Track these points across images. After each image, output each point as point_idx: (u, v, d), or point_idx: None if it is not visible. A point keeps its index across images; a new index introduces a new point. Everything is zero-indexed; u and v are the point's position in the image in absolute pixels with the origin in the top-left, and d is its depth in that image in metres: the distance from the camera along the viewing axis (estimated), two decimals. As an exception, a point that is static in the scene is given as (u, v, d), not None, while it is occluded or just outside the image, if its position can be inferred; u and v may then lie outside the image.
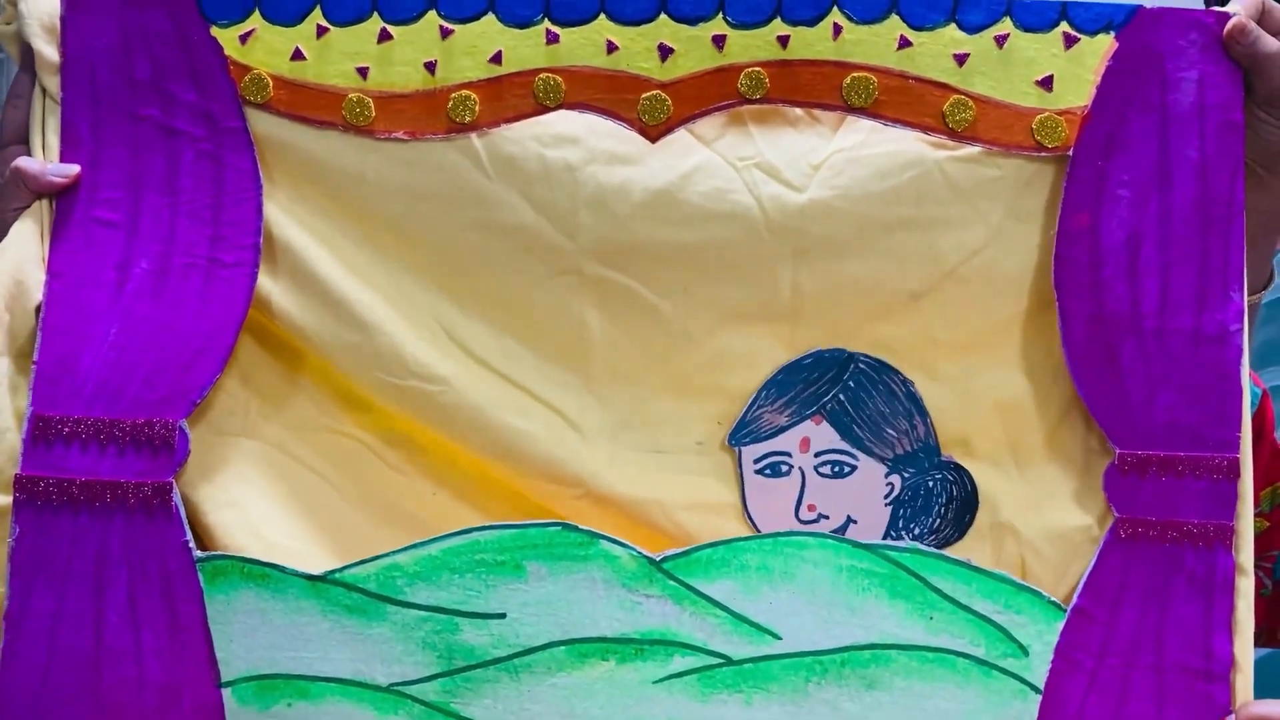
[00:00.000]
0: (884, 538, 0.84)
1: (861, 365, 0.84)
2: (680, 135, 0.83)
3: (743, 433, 0.84)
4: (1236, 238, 0.82)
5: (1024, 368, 0.84)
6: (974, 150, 0.83)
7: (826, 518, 0.84)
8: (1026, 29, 0.83)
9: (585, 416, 0.84)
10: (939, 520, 0.84)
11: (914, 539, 0.84)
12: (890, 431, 0.84)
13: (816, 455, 0.84)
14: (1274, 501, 0.96)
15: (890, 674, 0.81)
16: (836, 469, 0.84)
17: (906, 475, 0.84)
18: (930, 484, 0.84)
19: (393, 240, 0.84)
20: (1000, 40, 0.83)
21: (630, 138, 0.83)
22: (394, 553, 0.82)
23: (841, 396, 0.84)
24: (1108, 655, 0.81)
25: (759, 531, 0.84)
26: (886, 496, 0.84)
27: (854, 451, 0.84)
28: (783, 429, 0.84)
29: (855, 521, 0.84)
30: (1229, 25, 0.81)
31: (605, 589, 0.81)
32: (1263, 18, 0.82)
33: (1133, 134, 0.82)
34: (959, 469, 0.84)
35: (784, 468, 0.84)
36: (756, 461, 0.84)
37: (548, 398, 0.84)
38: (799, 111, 0.84)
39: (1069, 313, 0.82)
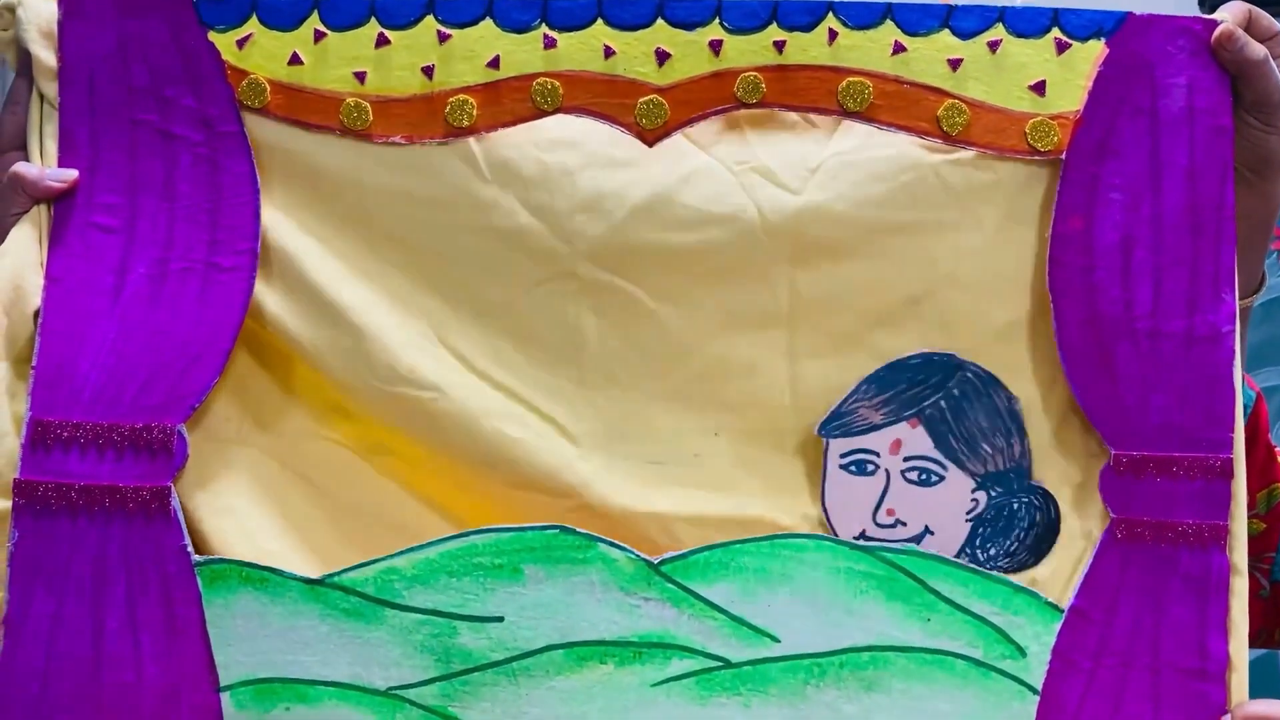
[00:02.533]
0: (959, 554, 0.83)
1: (969, 375, 0.82)
2: (677, 140, 0.84)
3: (834, 424, 0.83)
4: (1227, 241, 0.83)
5: (1020, 371, 0.84)
6: (968, 154, 0.83)
7: (904, 524, 0.83)
8: (1019, 35, 0.83)
9: (579, 425, 0.84)
10: (1017, 545, 0.83)
11: (988, 558, 0.82)
12: (986, 447, 0.83)
13: (906, 459, 0.83)
14: (1270, 503, 0.97)
15: (889, 676, 0.81)
16: (924, 476, 0.83)
17: (994, 494, 0.83)
18: (1015, 506, 0.83)
19: (389, 244, 0.84)
20: (993, 46, 0.83)
21: (627, 142, 0.83)
22: (392, 556, 0.82)
23: (943, 403, 0.82)
24: (1105, 656, 0.81)
25: (833, 528, 0.83)
26: (969, 512, 0.83)
27: (944, 461, 0.83)
28: (876, 427, 0.83)
29: (932, 533, 0.83)
30: (1217, 32, 0.82)
31: (603, 592, 0.81)
32: (1250, 25, 0.83)
33: (1124, 138, 0.83)
34: (1046, 495, 0.83)
35: (870, 467, 0.83)
36: (843, 456, 0.83)
37: (541, 405, 0.84)
38: (795, 116, 0.85)
39: (1063, 315, 0.83)
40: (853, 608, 0.81)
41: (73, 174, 0.83)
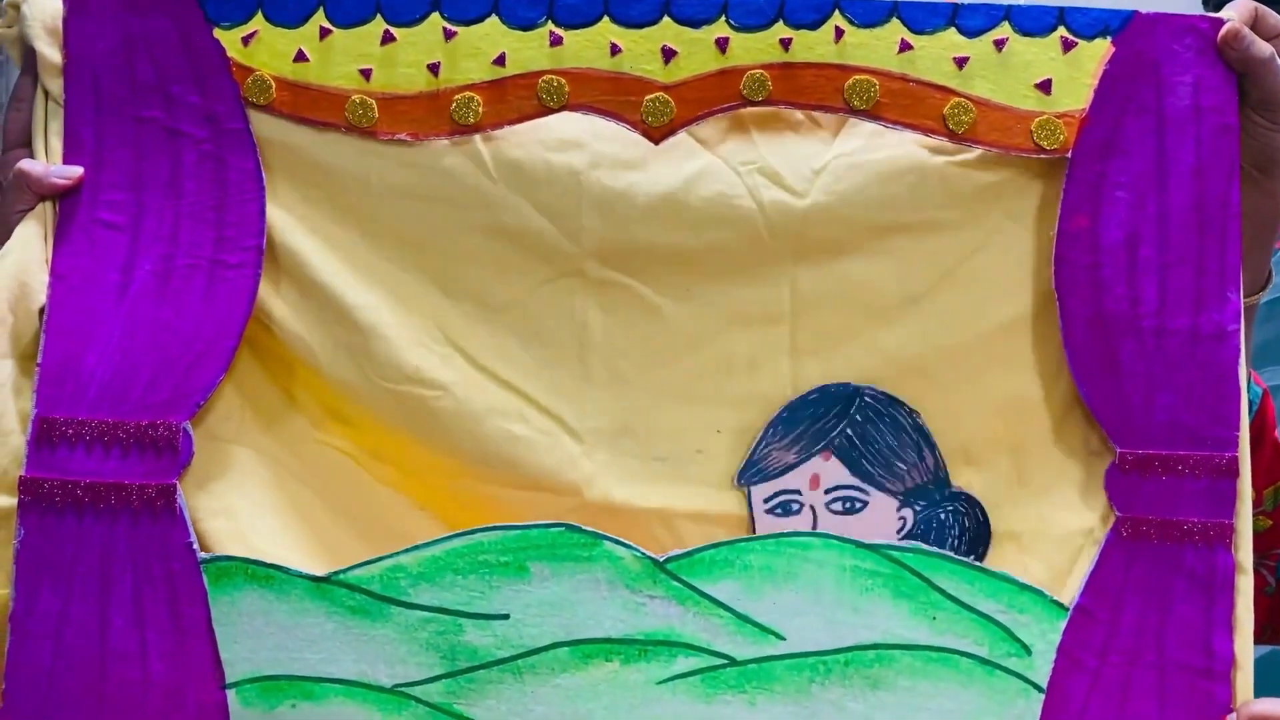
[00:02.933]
0: None
1: (868, 399, 0.83)
2: (683, 139, 0.84)
3: (751, 471, 0.84)
4: (1233, 239, 0.83)
5: (1024, 369, 0.84)
6: (974, 153, 0.84)
7: None
8: (1025, 33, 0.83)
9: (584, 423, 0.84)
10: (952, 552, 0.83)
11: None
12: (900, 464, 0.83)
13: (827, 492, 0.83)
14: (1277, 500, 0.97)
15: (894, 674, 0.81)
16: (848, 505, 0.83)
17: (919, 509, 0.83)
18: (943, 516, 0.83)
19: (394, 242, 0.84)
20: (999, 44, 0.83)
21: (634, 141, 0.83)
22: (398, 554, 0.82)
23: (849, 431, 0.83)
24: (1110, 654, 0.81)
25: None
26: (899, 531, 0.83)
27: (865, 487, 0.83)
28: (791, 466, 0.83)
29: None
30: (1223, 30, 0.82)
31: (609, 590, 0.81)
32: (1256, 23, 0.83)
33: (1130, 137, 0.83)
34: (970, 500, 0.84)
35: (795, 506, 0.83)
36: (766, 501, 0.84)
37: (545, 403, 0.84)
38: (800, 115, 0.85)
39: (1069, 313, 0.83)
40: (858, 606, 0.81)
41: (78, 171, 0.83)
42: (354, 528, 0.84)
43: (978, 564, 0.83)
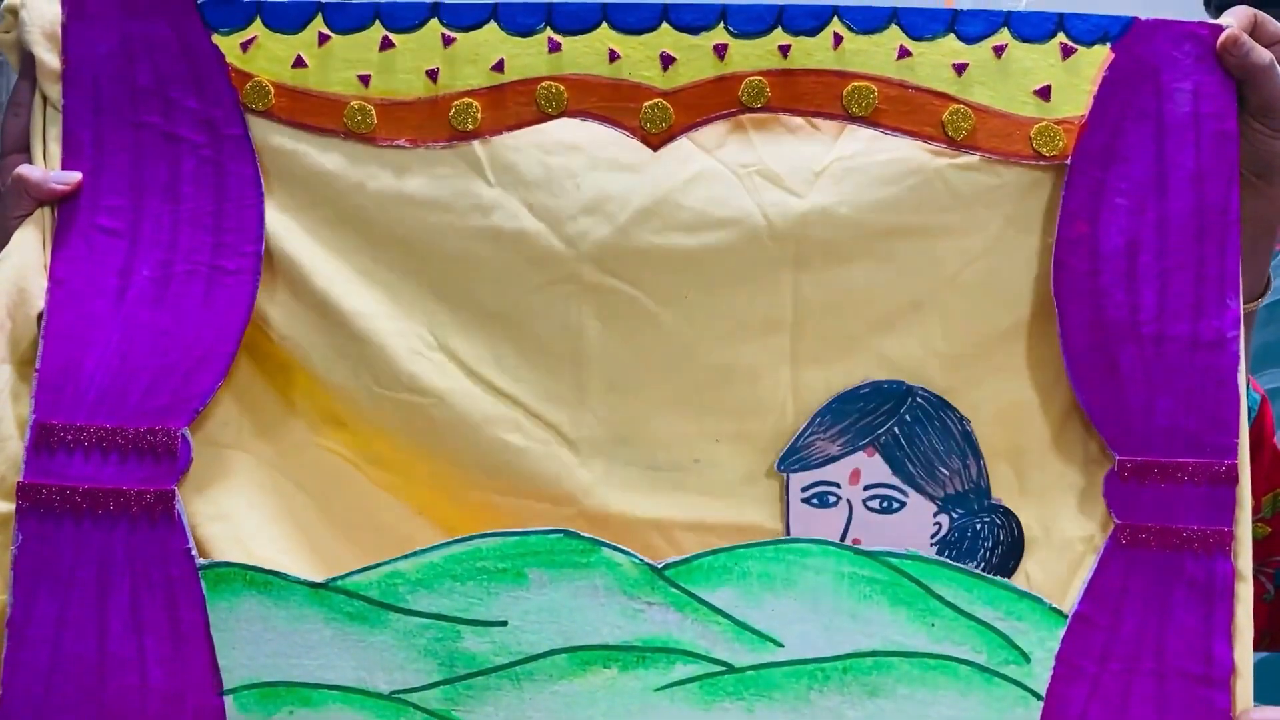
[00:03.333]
0: None
1: (920, 400, 0.83)
2: (682, 143, 0.83)
3: (793, 459, 0.83)
4: (1232, 245, 0.83)
5: (1025, 375, 0.84)
6: (974, 158, 0.83)
7: None
8: (1024, 40, 0.83)
9: (580, 431, 0.84)
10: (983, 565, 0.83)
11: None
12: (943, 470, 0.83)
13: (866, 488, 0.83)
14: (1276, 507, 0.96)
15: (893, 681, 0.81)
16: (885, 504, 0.83)
17: (955, 516, 0.83)
18: (978, 526, 0.83)
19: (392, 248, 0.84)
20: (999, 51, 0.83)
21: (632, 146, 0.83)
22: (396, 560, 0.81)
23: (897, 430, 0.83)
24: (1109, 661, 0.81)
25: None
26: (934, 536, 0.83)
27: (904, 487, 0.83)
28: (834, 458, 0.83)
29: None
30: (1222, 37, 0.82)
31: (607, 596, 0.81)
32: (1255, 30, 0.83)
33: (1129, 143, 0.83)
34: (1007, 513, 0.83)
35: (831, 498, 0.83)
36: (804, 490, 0.83)
37: (542, 412, 0.84)
38: (799, 121, 0.85)
39: (1069, 319, 0.83)
40: (856, 613, 0.81)
41: (76, 176, 0.83)
42: (353, 533, 0.84)
43: (976, 571, 0.82)
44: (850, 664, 0.81)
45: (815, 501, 0.83)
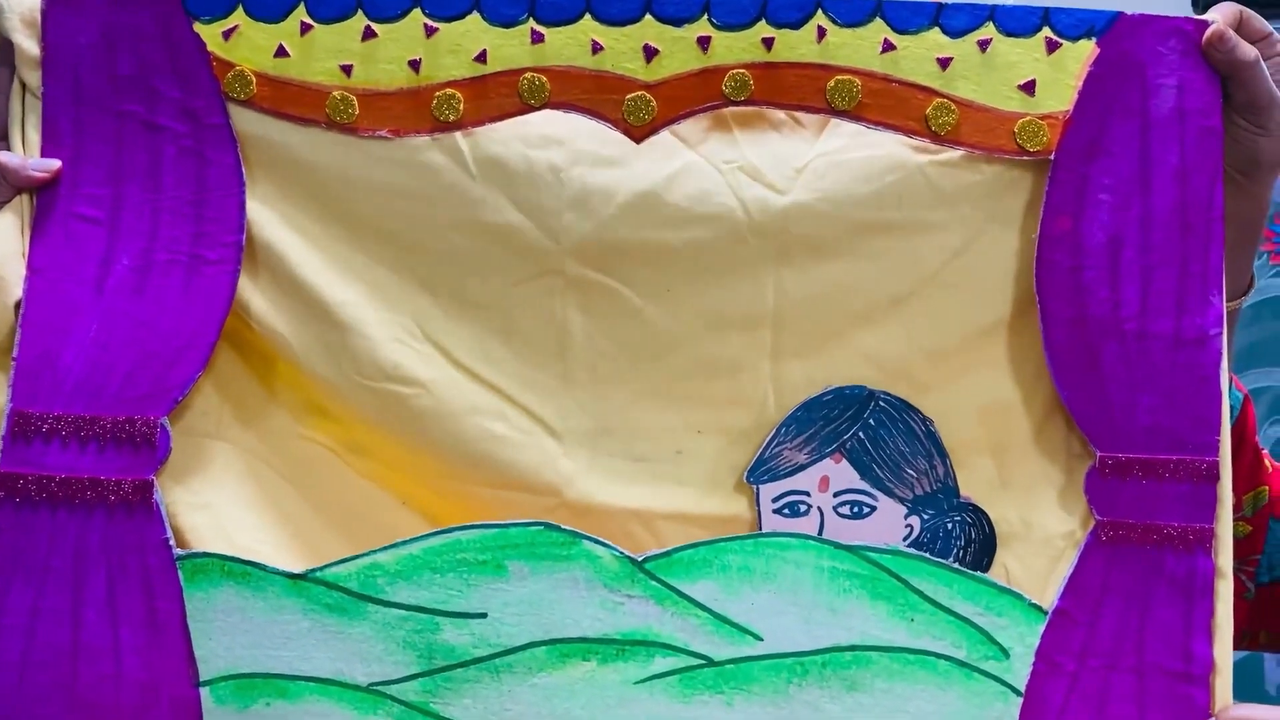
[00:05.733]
0: None
1: (882, 403, 0.83)
2: (664, 138, 0.83)
3: (761, 470, 0.83)
4: (1216, 242, 0.82)
5: (1007, 372, 0.84)
6: (956, 154, 0.83)
7: None
8: (1009, 34, 0.83)
9: (564, 422, 0.84)
10: (957, 563, 0.83)
11: None
12: (910, 471, 0.83)
13: (836, 495, 0.83)
14: (1257, 505, 0.96)
15: (871, 675, 0.81)
16: (856, 509, 0.83)
17: (926, 517, 0.83)
18: (949, 526, 0.83)
19: (374, 239, 0.84)
20: (983, 45, 0.83)
21: (615, 139, 0.83)
22: (375, 551, 0.81)
23: (862, 435, 0.83)
24: (1089, 657, 0.81)
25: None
26: (905, 538, 0.83)
27: (874, 492, 0.83)
28: (802, 467, 0.83)
29: None
30: (1208, 33, 0.82)
31: (587, 589, 0.81)
32: (1241, 26, 0.83)
33: (1114, 139, 0.82)
34: (977, 511, 0.83)
35: (803, 507, 0.83)
36: (775, 500, 0.83)
37: (525, 402, 0.84)
38: (782, 115, 0.85)
39: (1051, 315, 0.82)
40: (836, 607, 0.81)
41: (56, 164, 0.83)
42: (336, 523, 0.84)
43: (956, 566, 0.82)
44: (829, 658, 0.81)
45: (787, 511, 0.83)
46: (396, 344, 0.83)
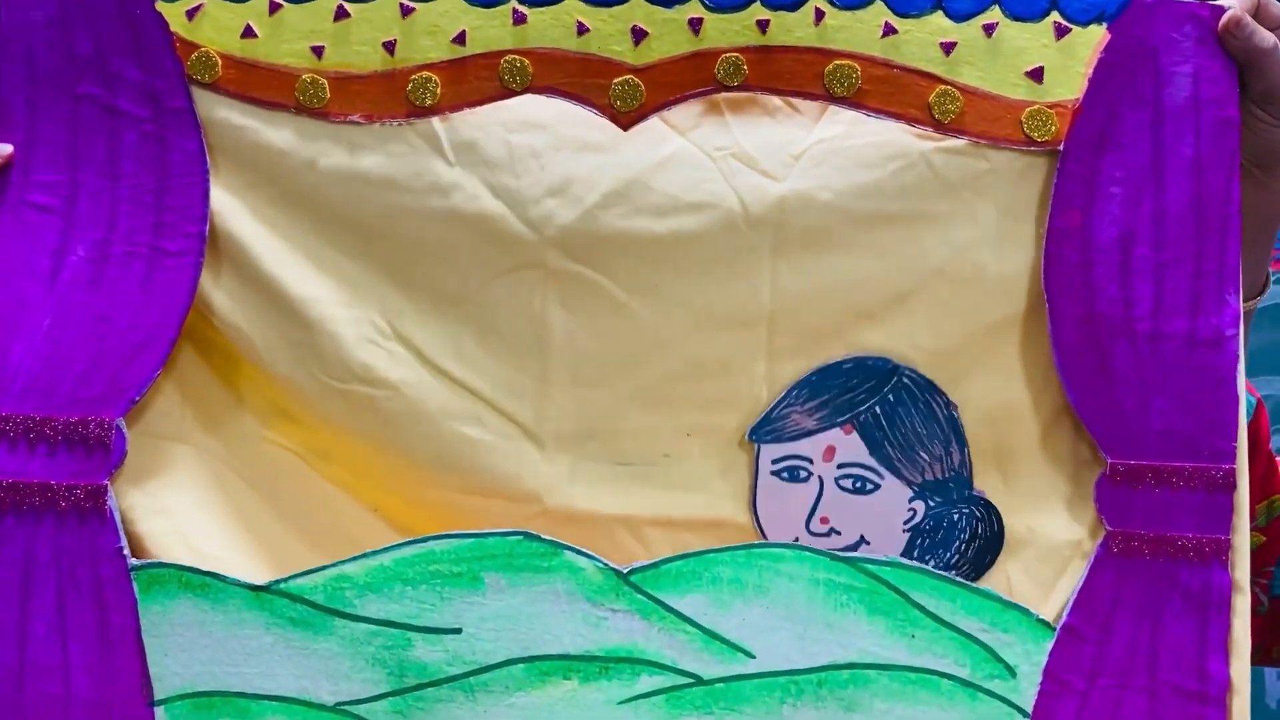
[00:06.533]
0: None
1: (906, 380, 0.81)
2: (653, 123, 0.81)
3: (766, 429, 0.81)
4: (1233, 239, 0.80)
5: (1015, 372, 0.82)
6: (961, 142, 0.81)
7: (839, 533, 0.81)
8: (1016, 18, 0.81)
9: (544, 426, 0.81)
10: (957, 556, 0.81)
11: None
12: (923, 455, 0.81)
13: (839, 467, 0.81)
14: (1270, 515, 0.95)
15: (870, 695, 0.79)
16: (858, 484, 0.81)
17: (932, 504, 0.81)
18: (955, 517, 0.81)
19: (344, 230, 0.81)
20: (989, 29, 0.81)
21: (601, 125, 0.80)
22: (343, 562, 0.79)
23: (878, 409, 0.81)
24: (1099, 676, 0.79)
25: (763, 534, 0.81)
26: (906, 522, 0.81)
27: (880, 469, 0.81)
28: (809, 433, 0.81)
29: (868, 543, 0.81)
30: (1224, 18, 0.80)
31: (569, 603, 0.79)
32: (1259, 12, 0.81)
33: (1125, 129, 0.80)
34: (989, 506, 0.81)
35: (802, 473, 0.81)
36: (775, 462, 0.81)
37: (503, 404, 0.81)
38: (778, 101, 0.82)
39: (1059, 314, 0.80)
40: (832, 622, 0.79)
41: (8, 149, 0.80)
42: (303, 531, 0.82)
43: (959, 579, 0.80)
44: (826, 676, 0.79)
45: (785, 475, 0.81)
46: (366, 343, 0.81)
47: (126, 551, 0.78)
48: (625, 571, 0.79)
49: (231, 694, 0.78)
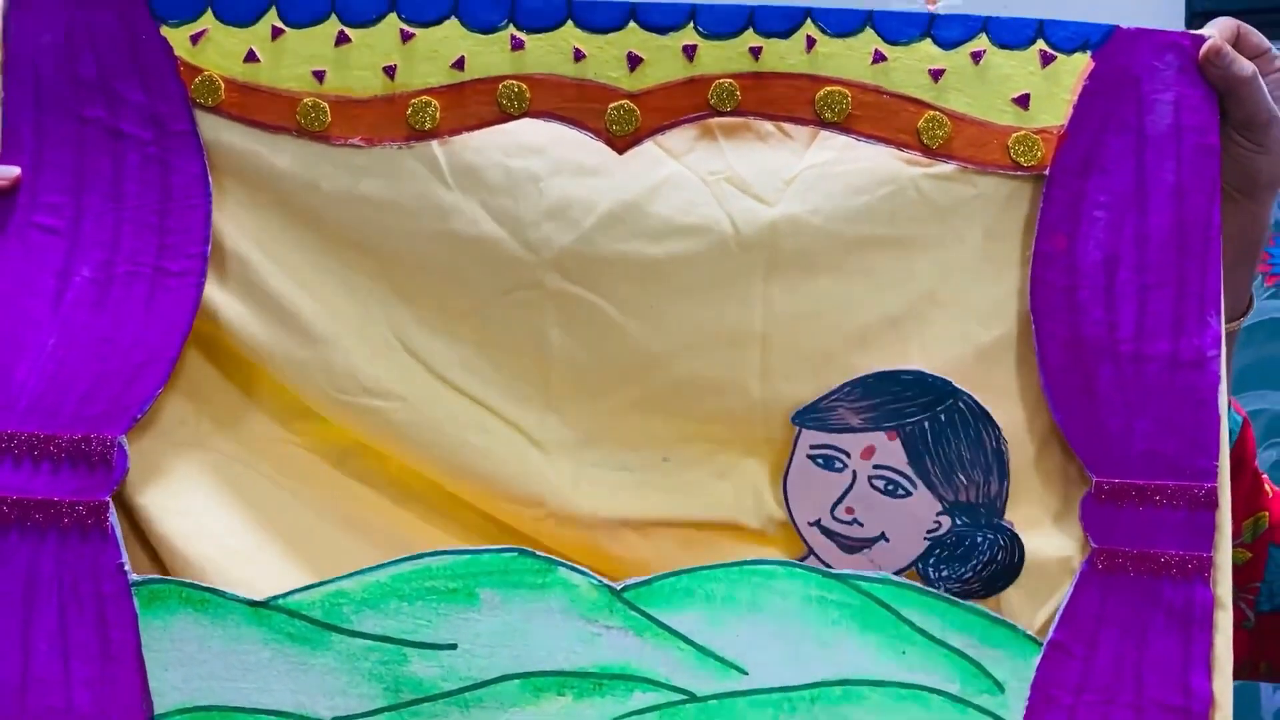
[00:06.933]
0: (908, 567, 0.81)
1: (962, 405, 0.81)
2: (648, 148, 0.81)
3: (811, 416, 0.81)
4: (1214, 262, 0.81)
5: (1006, 395, 0.82)
6: (949, 168, 0.81)
7: (861, 524, 0.81)
8: (1003, 46, 0.82)
9: (547, 433, 0.82)
10: (971, 574, 0.81)
11: (939, 578, 0.80)
12: (961, 477, 0.81)
13: (876, 467, 0.81)
14: (1256, 531, 0.95)
15: (863, 711, 0.79)
16: (890, 486, 0.81)
17: (959, 522, 0.81)
18: (979, 539, 0.81)
19: (347, 250, 0.82)
20: (976, 57, 0.82)
21: (597, 149, 0.81)
22: (340, 579, 0.79)
23: (926, 424, 0.80)
24: (1085, 692, 0.79)
25: (790, 512, 0.81)
26: (930, 531, 0.81)
27: (915, 479, 0.81)
28: (851, 429, 0.81)
29: (888, 540, 0.81)
30: (1204, 48, 0.81)
31: (563, 619, 0.79)
32: (1238, 41, 0.82)
33: (1109, 155, 0.81)
34: (1014, 538, 0.81)
35: (838, 464, 0.81)
36: (813, 448, 0.81)
37: (507, 413, 0.82)
38: (770, 127, 0.83)
39: (1045, 336, 0.81)
40: (825, 639, 0.79)
41: (15, 171, 0.80)
42: (329, 523, 0.82)
43: (948, 596, 0.80)
44: (818, 693, 0.79)
45: (820, 461, 0.81)
46: (374, 357, 0.81)
47: (128, 567, 0.78)
48: (619, 588, 0.79)
49: (229, 708, 0.78)
